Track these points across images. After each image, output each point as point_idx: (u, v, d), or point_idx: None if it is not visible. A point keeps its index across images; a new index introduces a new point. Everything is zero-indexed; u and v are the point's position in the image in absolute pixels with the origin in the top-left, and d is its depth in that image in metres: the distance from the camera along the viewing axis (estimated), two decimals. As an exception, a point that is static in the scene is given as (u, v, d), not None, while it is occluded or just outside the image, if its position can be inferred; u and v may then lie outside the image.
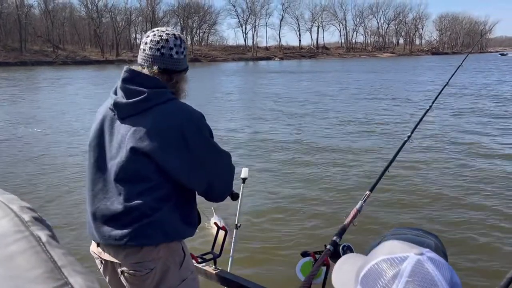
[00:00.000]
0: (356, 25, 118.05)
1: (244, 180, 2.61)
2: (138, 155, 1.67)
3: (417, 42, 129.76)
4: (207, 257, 2.16)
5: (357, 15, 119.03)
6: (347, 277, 0.80)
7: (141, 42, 1.82)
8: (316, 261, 1.83)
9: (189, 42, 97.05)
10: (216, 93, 23.02)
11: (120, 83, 1.76)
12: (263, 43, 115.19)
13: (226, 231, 2.21)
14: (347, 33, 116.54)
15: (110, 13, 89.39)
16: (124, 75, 1.76)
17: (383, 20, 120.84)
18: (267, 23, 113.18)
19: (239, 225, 2.61)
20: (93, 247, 1.88)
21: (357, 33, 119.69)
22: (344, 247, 1.85)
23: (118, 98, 1.75)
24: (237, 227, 2.59)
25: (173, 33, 1.80)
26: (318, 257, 1.84)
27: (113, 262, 1.78)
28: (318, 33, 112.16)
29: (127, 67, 1.79)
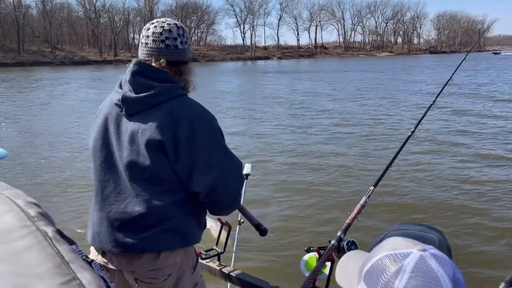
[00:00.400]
0: (354, 25, 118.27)
1: (247, 176, 2.59)
2: (152, 151, 1.56)
3: (415, 41, 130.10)
4: (211, 253, 2.15)
5: (355, 14, 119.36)
6: (351, 273, 0.81)
7: (141, 36, 1.69)
8: (320, 256, 1.82)
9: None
10: (215, 92, 22.99)
11: (129, 76, 1.63)
12: (261, 43, 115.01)
13: (229, 227, 2.20)
14: (345, 32, 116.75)
15: (108, 13, 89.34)
16: (133, 68, 1.62)
17: (381, 19, 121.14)
18: (265, 23, 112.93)
19: (242, 221, 2.59)
20: (95, 257, 1.70)
21: (355, 33, 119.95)
22: (348, 243, 1.85)
23: (126, 92, 1.62)
24: (240, 223, 2.58)
25: (175, 23, 1.70)
26: (322, 252, 1.84)
27: (122, 271, 1.65)
28: (316, 33, 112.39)
29: (137, 59, 1.65)
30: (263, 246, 4.69)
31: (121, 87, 1.68)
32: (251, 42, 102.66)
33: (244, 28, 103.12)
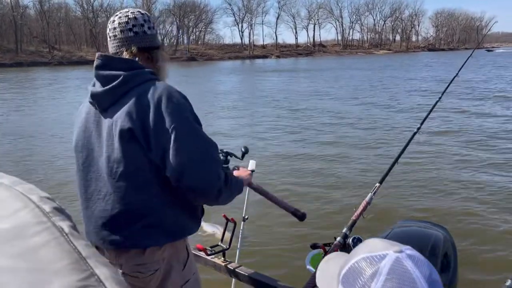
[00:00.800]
0: (352, 22, 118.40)
1: (252, 172, 2.58)
2: (125, 142, 1.55)
3: (414, 38, 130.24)
4: (216, 250, 2.16)
5: (353, 12, 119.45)
6: (331, 276, 0.80)
7: (108, 30, 1.70)
8: (326, 253, 1.82)
9: (185, 41, 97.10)
10: (213, 92, 22.99)
11: (94, 71, 1.65)
12: (259, 41, 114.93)
13: (235, 223, 2.21)
14: (343, 30, 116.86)
15: (105, 13, 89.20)
16: (97, 62, 1.63)
17: (379, 17, 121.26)
18: (263, 21, 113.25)
19: (246, 217, 2.60)
20: None
21: (353, 30, 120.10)
22: (354, 239, 1.85)
23: (95, 88, 1.65)
24: (244, 220, 2.58)
25: (138, 10, 1.72)
26: (328, 249, 1.84)
27: (113, 263, 1.64)
28: (314, 31, 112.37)
29: (99, 53, 1.66)
30: (268, 242, 4.68)
31: (94, 85, 1.69)
32: (249, 40, 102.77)
33: (242, 27, 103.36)
